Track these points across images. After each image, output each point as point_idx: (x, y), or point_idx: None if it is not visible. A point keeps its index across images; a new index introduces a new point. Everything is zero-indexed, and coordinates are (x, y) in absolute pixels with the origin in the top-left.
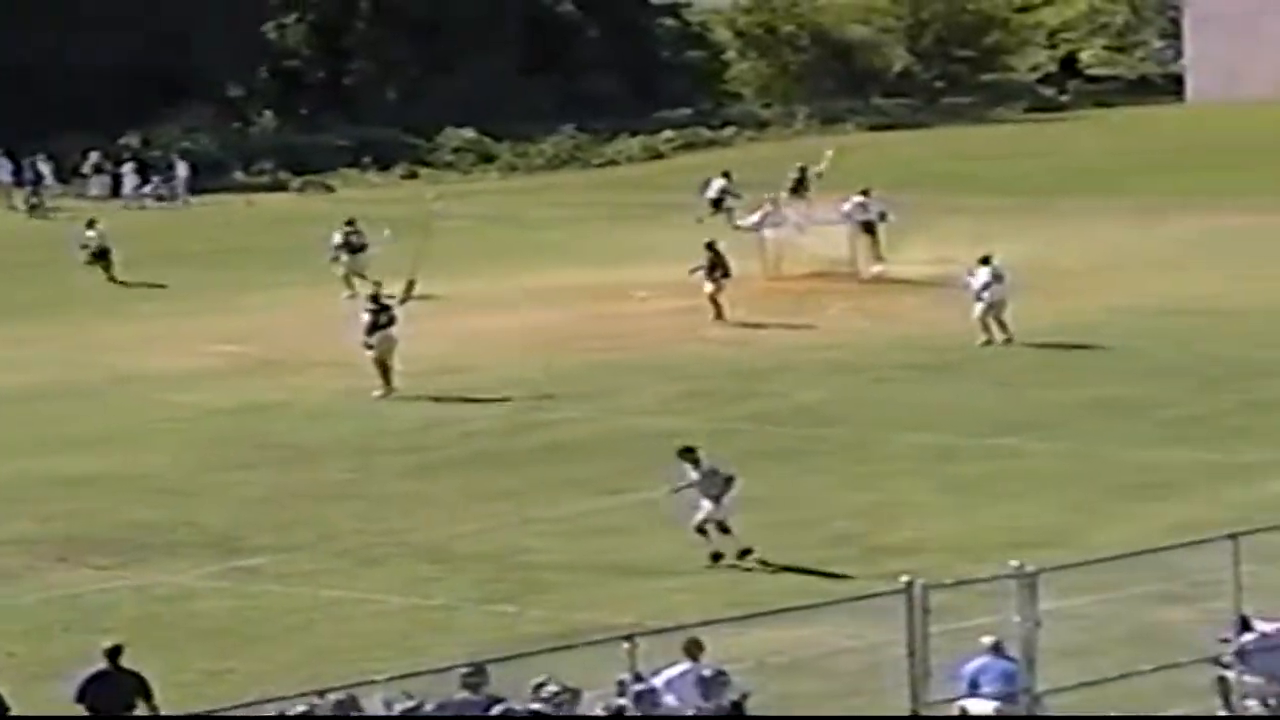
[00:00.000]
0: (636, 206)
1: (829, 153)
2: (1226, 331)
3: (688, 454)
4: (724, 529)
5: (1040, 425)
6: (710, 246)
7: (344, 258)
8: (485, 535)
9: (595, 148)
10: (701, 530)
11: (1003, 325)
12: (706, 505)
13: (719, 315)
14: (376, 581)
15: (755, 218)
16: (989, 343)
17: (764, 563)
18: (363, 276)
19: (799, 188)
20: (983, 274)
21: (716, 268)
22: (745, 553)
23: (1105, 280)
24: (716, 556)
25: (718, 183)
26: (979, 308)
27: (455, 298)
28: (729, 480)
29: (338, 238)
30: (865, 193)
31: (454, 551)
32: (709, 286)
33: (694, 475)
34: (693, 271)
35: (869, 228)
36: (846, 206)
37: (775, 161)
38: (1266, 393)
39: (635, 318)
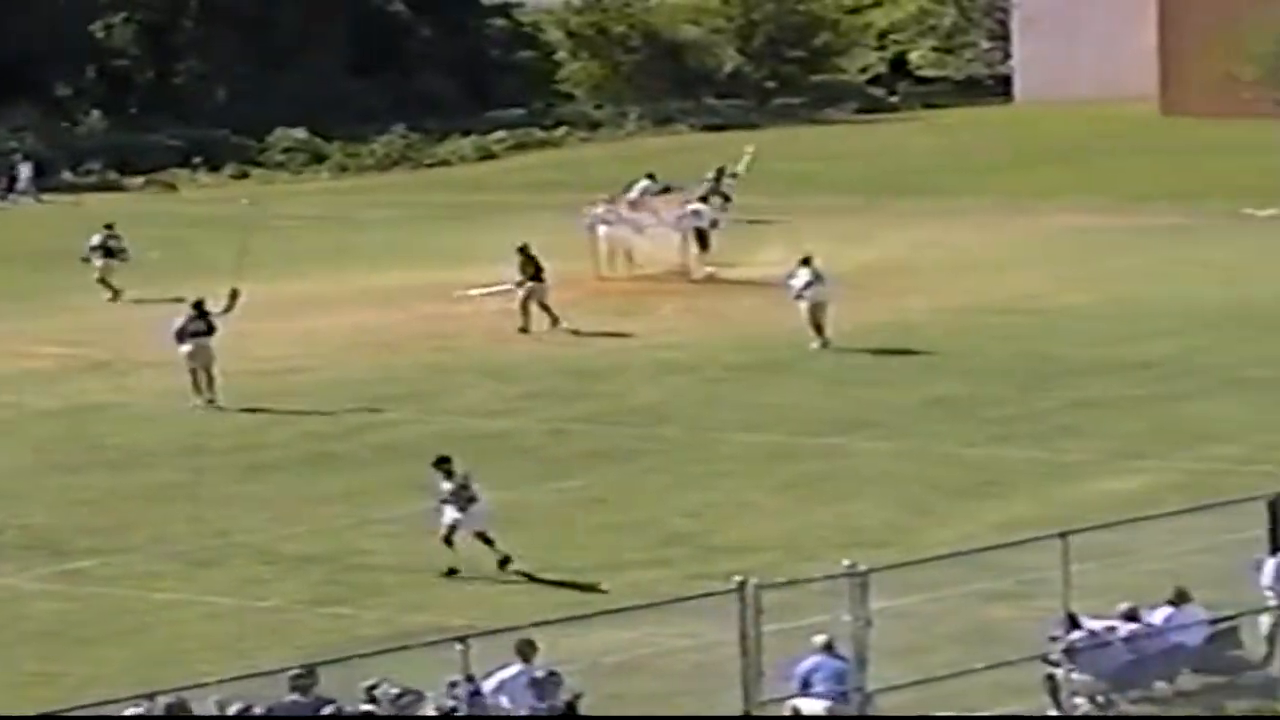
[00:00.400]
0: (469, 207)
1: (749, 148)
2: (1053, 330)
3: (442, 464)
4: (486, 540)
5: (872, 424)
6: (522, 250)
7: (98, 260)
8: (319, 537)
9: (427, 148)
10: (448, 540)
11: (820, 329)
12: (452, 513)
13: (551, 319)
14: (209, 584)
15: (588, 220)
16: (825, 345)
17: (526, 575)
18: (109, 286)
19: (715, 187)
20: (803, 275)
21: (531, 272)
22: (504, 562)
23: (935, 280)
24: (452, 571)
25: (641, 184)
26: (803, 309)
27: (287, 298)
28: (473, 498)
29: (96, 240)
30: (703, 199)
31: (287, 553)
32: (520, 293)
33: (446, 486)
34: (519, 284)
35: (701, 236)
36: (678, 213)
37: (606, 161)
38: (1092, 391)
39: (468, 318)
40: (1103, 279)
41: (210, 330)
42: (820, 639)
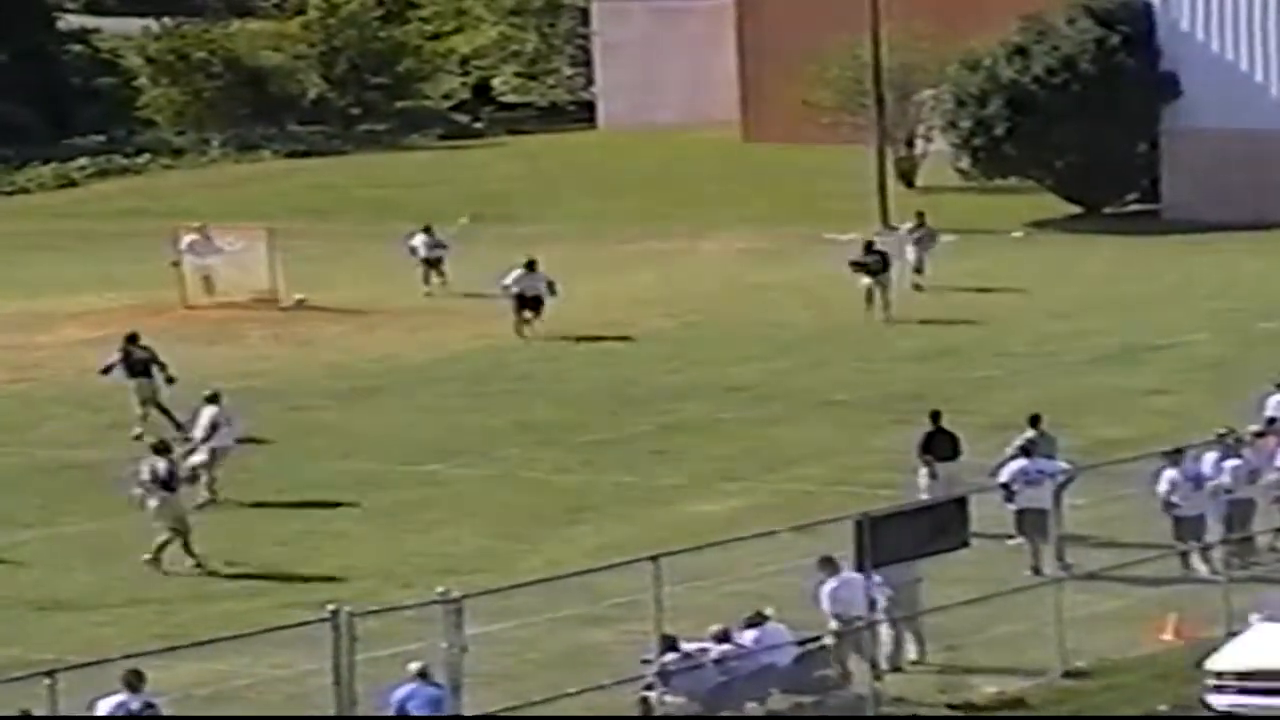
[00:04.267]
0: (51, 235)
1: (463, 219)
2: (640, 356)
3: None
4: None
5: (463, 451)
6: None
7: None
8: None
9: (6, 175)
10: None
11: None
12: None
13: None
14: None
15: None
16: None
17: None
18: None
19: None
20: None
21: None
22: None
23: None
24: None
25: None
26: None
27: None
28: None
29: None
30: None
31: None
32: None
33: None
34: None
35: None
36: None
37: (190, 189)
38: (679, 416)
39: (52, 348)
40: (688, 304)
41: None
42: (415, 666)
